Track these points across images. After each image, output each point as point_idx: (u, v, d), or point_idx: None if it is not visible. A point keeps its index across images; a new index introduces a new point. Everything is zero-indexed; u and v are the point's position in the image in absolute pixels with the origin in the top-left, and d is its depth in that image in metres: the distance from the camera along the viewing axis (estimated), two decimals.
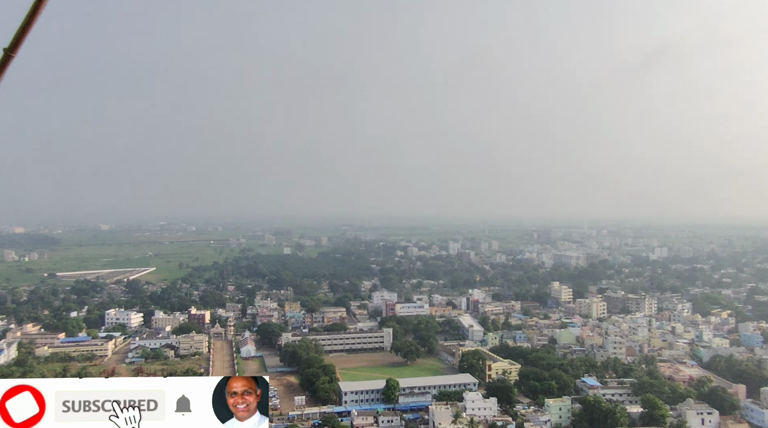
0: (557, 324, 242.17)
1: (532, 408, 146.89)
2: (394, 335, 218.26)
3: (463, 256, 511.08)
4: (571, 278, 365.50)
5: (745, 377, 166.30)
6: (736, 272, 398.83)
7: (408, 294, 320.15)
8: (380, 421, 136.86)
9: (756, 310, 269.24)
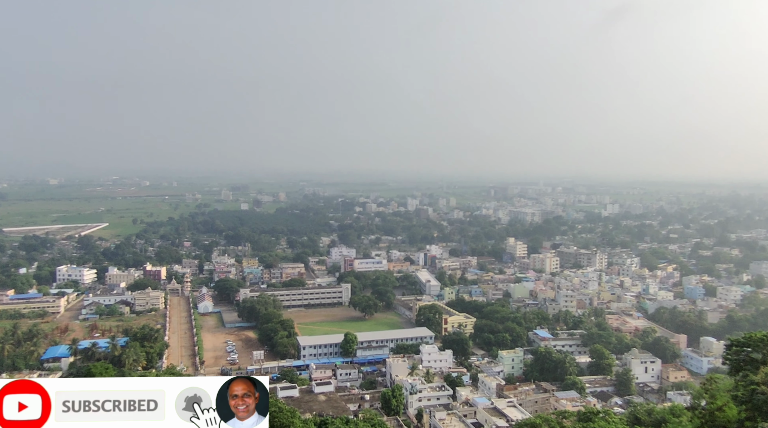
0: (512, 278, 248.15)
1: (486, 359, 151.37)
2: (353, 290, 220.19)
3: (422, 212, 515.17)
4: (527, 234, 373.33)
5: (687, 327, 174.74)
6: (682, 228, 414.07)
7: (366, 250, 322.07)
8: (338, 374, 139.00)
9: (699, 264, 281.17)
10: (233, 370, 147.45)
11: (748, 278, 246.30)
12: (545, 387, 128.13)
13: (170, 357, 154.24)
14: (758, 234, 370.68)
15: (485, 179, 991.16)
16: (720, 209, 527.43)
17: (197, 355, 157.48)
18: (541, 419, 52.55)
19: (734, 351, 38.93)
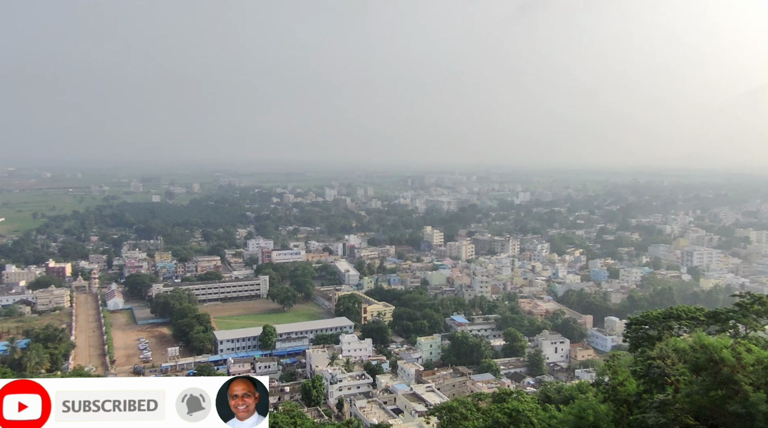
0: (429, 266, 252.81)
1: (405, 346, 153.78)
2: (271, 282, 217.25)
3: (340, 202, 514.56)
4: (443, 223, 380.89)
5: (593, 308, 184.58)
6: (588, 214, 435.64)
7: (284, 241, 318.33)
8: (257, 367, 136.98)
9: (604, 248, 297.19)
10: (146, 368, 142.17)
11: (647, 260, 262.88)
12: (462, 371, 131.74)
13: (77, 358, 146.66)
14: (655, 219, 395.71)
15: (402, 169, 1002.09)
16: (622, 196, 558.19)
17: (107, 354, 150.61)
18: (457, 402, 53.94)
19: (633, 329, 41.45)
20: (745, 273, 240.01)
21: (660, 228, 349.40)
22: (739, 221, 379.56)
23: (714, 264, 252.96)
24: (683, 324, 39.87)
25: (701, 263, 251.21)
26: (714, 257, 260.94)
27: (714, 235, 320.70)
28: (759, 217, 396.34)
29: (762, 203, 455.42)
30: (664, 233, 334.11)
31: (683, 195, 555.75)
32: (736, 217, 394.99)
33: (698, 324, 39.15)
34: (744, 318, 38.37)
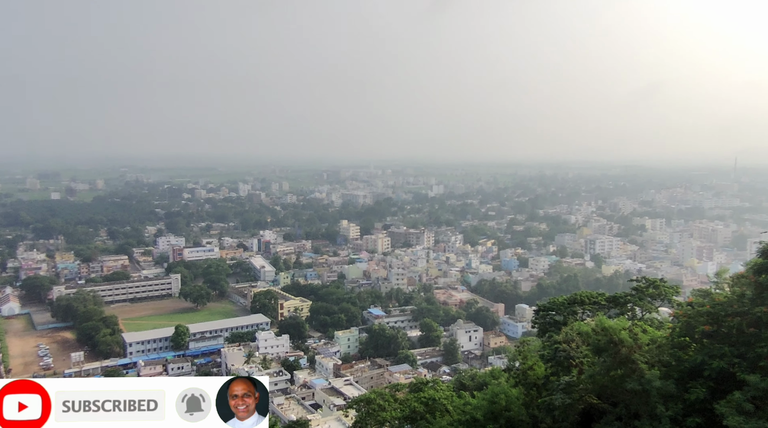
0: (346, 260, 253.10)
1: (323, 341, 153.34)
2: (183, 280, 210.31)
3: (254, 197, 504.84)
4: (359, 216, 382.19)
5: (504, 296, 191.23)
6: (499, 205, 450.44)
7: (197, 238, 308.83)
8: (170, 369, 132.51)
9: (513, 238, 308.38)
10: (47, 375, 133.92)
11: (554, 249, 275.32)
12: (380, 363, 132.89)
13: None
14: (561, 209, 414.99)
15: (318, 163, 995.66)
16: (530, 188, 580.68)
17: (2, 363, 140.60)
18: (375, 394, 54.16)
19: (541, 315, 43.10)
20: (642, 259, 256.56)
21: (565, 218, 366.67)
22: (636, 210, 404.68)
23: (614, 251, 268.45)
24: (587, 308, 41.85)
25: (603, 251, 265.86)
26: (614, 245, 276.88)
27: (614, 224, 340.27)
28: (653, 206, 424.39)
29: (656, 193, 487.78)
30: (569, 222, 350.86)
31: (586, 186, 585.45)
32: (633, 206, 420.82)
33: (600, 308, 41.24)
34: (640, 301, 40.76)
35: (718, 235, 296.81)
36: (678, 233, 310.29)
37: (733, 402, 23.39)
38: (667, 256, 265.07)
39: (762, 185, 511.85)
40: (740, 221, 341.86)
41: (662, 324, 36.94)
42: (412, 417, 45.10)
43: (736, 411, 22.97)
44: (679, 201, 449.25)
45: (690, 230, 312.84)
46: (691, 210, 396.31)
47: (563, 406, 29.24)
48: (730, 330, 27.50)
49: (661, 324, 37.61)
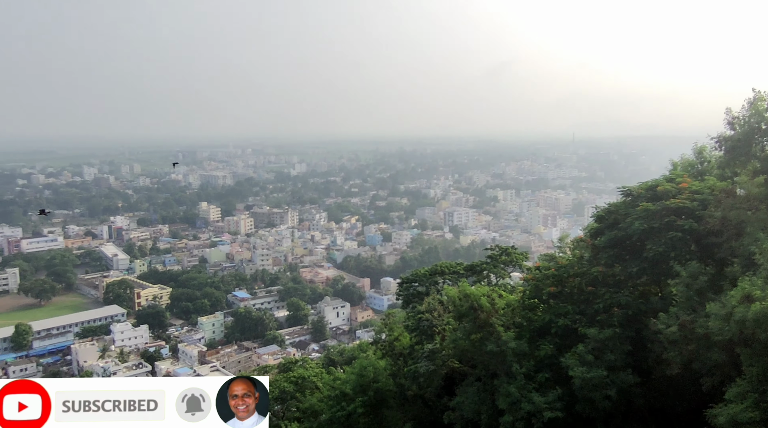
0: (207, 243, 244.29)
1: (186, 328, 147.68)
2: (22, 274, 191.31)
3: (102, 181, 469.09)
4: (219, 198, 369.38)
5: (370, 271, 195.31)
6: (361, 182, 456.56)
7: (36, 228, 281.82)
8: (10, 372, 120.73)
9: (377, 214, 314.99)
10: None
11: (416, 223, 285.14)
12: (247, 346, 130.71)
13: None
14: (421, 184, 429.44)
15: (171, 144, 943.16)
16: (391, 164, 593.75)
17: None
18: None
19: (404, 287, 44.41)
20: (495, 228, 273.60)
21: (425, 192, 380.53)
22: (489, 182, 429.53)
23: (471, 223, 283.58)
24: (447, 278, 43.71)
25: (460, 223, 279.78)
26: (470, 217, 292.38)
27: (470, 196, 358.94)
28: (504, 178, 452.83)
29: (506, 166, 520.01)
30: (428, 196, 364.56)
31: (443, 161, 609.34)
32: (487, 179, 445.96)
33: (459, 277, 43.27)
34: (495, 269, 43.33)
35: (561, 203, 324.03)
36: (526, 202, 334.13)
37: (577, 355, 25.65)
38: (518, 225, 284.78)
39: (596, 157, 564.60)
40: (579, 190, 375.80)
41: (515, 289, 39.54)
42: (281, 397, 44.90)
43: (579, 362, 25.22)
44: (526, 173, 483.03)
45: (537, 200, 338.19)
46: (537, 181, 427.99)
47: (428, 373, 30.44)
48: (572, 290, 30.08)
49: (513, 288, 40.24)
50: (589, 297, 28.71)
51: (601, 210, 31.79)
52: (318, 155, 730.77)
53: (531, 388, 25.63)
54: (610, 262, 29.29)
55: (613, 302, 27.18)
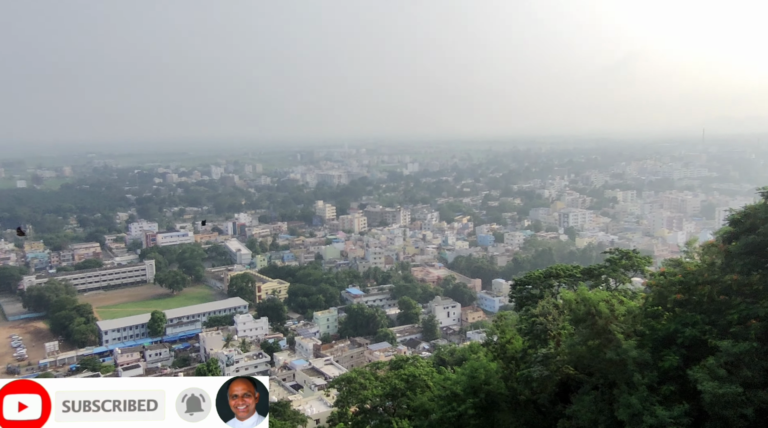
0: (322, 240, 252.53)
1: (302, 322, 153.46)
2: (158, 266, 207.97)
3: (227, 180, 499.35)
4: (334, 196, 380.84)
5: (481, 272, 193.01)
6: (473, 182, 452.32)
7: (170, 223, 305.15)
8: (147, 356, 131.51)
9: (489, 214, 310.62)
10: (21, 367, 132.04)
11: (529, 224, 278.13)
12: (359, 342, 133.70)
13: None
14: (535, 184, 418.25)
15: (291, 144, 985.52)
16: (504, 164, 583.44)
17: None
18: (356, 372, 54.50)
19: (518, 289, 43.56)
20: (614, 231, 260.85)
21: (539, 193, 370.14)
22: (608, 182, 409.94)
23: (587, 224, 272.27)
24: (562, 281, 42.39)
25: (576, 224, 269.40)
26: (587, 218, 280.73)
27: (586, 197, 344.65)
28: (624, 178, 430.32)
29: (626, 166, 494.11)
30: (543, 197, 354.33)
31: (558, 161, 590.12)
32: (605, 179, 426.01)
33: (575, 280, 41.79)
34: (614, 273, 41.40)
35: (688, 205, 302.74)
36: (649, 204, 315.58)
37: (707, 368, 23.87)
38: (639, 227, 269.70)
39: (729, 155, 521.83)
40: (709, 191, 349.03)
41: (636, 295, 37.56)
42: (393, 394, 45.45)
43: (710, 376, 23.46)
44: (649, 172, 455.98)
45: (660, 201, 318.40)
46: (661, 181, 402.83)
47: (541, 378, 29.62)
48: (701, 298, 28.01)
49: (634, 294, 38.25)
50: (721, 307, 26.68)
51: (737, 213, 29.39)
52: (430, 155, 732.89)
53: (654, 401, 24.23)
54: (746, 270, 27.01)
55: (749, 314, 25.06)
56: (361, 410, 48.14)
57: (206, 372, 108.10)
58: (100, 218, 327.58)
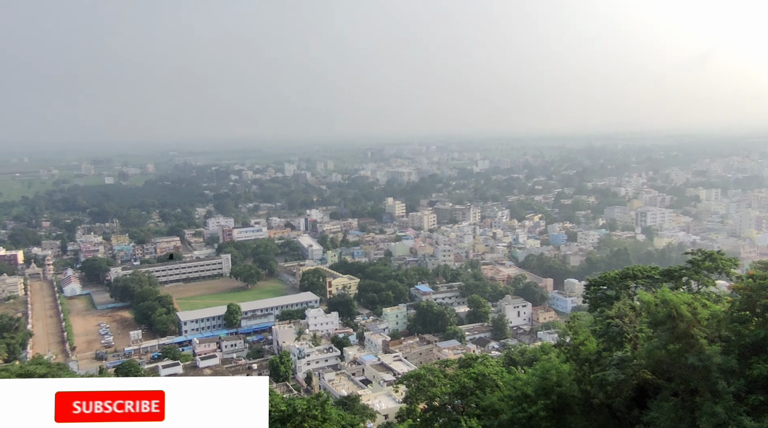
0: (392, 237, 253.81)
1: (372, 317, 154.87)
2: (233, 260, 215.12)
3: (300, 177, 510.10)
4: (404, 193, 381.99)
5: (553, 271, 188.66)
6: (545, 179, 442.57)
7: (245, 219, 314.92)
8: (223, 346, 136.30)
9: (561, 212, 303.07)
10: (109, 353, 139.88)
11: (603, 223, 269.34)
12: (428, 339, 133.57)
13: (36, 347, 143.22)
14: (610, 182, 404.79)
15: (361, 141, 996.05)
16: (578, 161, 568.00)
17: (67, 341, 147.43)
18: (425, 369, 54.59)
19: (592, 290, 42.37)
20: (696, 231, 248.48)
21: (615, 191, 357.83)
22: (690, 180, 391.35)
23: (666, 224, 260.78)
24: (639, 282, 40.95)
25: (654, 223, 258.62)
26: (666, 217, 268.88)
27: (666, 195, 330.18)
28: (708, 176, 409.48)
29: (710, 163, 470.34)
30: (618, 195, 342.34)
31: (636, 157, 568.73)
32: (687, 177, 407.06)
33: (654, 282, 40.24)
34: (696, 275, 39.59)
35: None
36: (735, 203, 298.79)
37: None
38: (724, 227, 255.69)
39: None
40: None
41: (720, 298, 35.82)
42: (461, 392, 45.18)
43: None
44: (735, 170, 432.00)
45: (748, 200, 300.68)
46: (749, 179, 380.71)
47: (617, 381, 28.74)
48: None
49: (719, 298, 36.47)
50: None
51: None
52: (501, 152, 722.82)
53: (741, 411, 23.05)
54: None
55: None
56: (429, 407, 48.15)
57: (279, 365, 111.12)
58: (181, 213, 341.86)
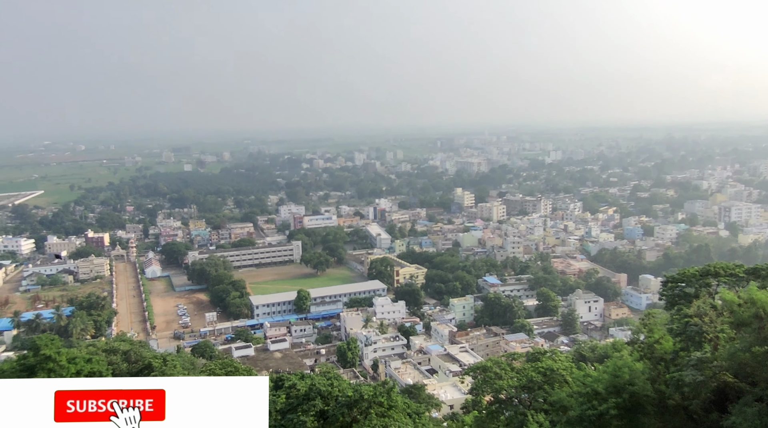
0: (460, 228, 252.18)
1: (438, 308, 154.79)
2: (303, 247, 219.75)
3: (369, 166, 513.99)
4: (473, 184, 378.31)
5: (627, 267, 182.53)
6: (621, 171, 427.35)
7: (315, 207, 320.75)
8: (293, 331, 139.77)
9: (637, 206, 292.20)
10: (186, 333, 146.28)
11: (683, 217, 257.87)
12: (495, 331, 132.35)
13: (119, 324, 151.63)
14: (691, 174, 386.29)
15: (431, 131, 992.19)
16: (656, 152, 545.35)
17: (148, 320, 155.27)
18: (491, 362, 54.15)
19: (669, 287, 40.79)
20: None
21: (696, 184, 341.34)
22: None
23: (753, 219, 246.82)
24: (722, 281, 39.10)
25: (740, 219, 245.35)
26: (753, 212, 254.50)
27: (753, 189, 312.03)
28: None
29: None
30: (700, 188, 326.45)
31: (720, 149, 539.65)
32: None
33: (737, 281, 38.34)
34: None
35: None
36: None
37: None
38: None
39: None
40: None
41: None
42: (529, 386, 44.66)
43: None
44: None
45: None
46: None
47: (694, 383, 27.74)
48: None
49: None
50: None
51: None
52: (575, 143, 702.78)
53: None
54: None
55: None
56: (495, 400, 47.81)
57: (346, 351, 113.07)
58: (254, 201, 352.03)
